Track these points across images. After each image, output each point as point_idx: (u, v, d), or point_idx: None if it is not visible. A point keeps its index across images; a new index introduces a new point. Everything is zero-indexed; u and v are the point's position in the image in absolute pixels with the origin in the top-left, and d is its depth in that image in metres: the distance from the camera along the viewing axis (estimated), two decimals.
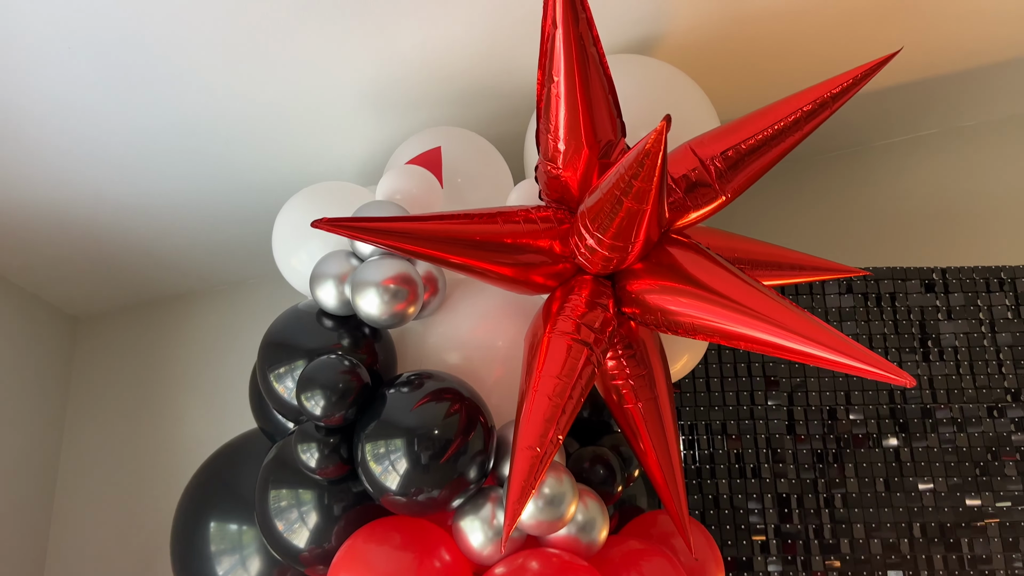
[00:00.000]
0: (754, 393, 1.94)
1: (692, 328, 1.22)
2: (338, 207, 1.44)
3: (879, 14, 1.77)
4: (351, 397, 1.28)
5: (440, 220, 1.23)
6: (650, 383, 1.35)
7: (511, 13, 1.56)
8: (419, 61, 1.65)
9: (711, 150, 1.28)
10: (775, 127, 1.27)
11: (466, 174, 1.57)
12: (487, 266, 1.26)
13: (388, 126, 1.80)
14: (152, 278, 2.32)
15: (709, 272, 1.23)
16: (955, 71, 2.09)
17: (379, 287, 1.30)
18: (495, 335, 1.42)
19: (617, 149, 1.26)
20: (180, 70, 1.58)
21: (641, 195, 1.09)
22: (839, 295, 2.00)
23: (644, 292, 1.26)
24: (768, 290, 1.20)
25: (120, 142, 1.76)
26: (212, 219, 2.07)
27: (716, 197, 1.29)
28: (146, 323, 2.46)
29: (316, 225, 1.12)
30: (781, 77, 1.86)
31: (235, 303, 2.43)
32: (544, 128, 1.25)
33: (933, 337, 1.98)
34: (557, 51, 1.16)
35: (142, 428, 2.39)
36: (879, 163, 2.41)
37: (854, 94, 1.28)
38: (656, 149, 1.02)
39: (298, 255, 1.50)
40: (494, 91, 1.76)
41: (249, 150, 1.84)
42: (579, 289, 1.28)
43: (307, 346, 1.36)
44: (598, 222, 1.17)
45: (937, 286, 2.01)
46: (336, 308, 1.36)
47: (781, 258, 1.49)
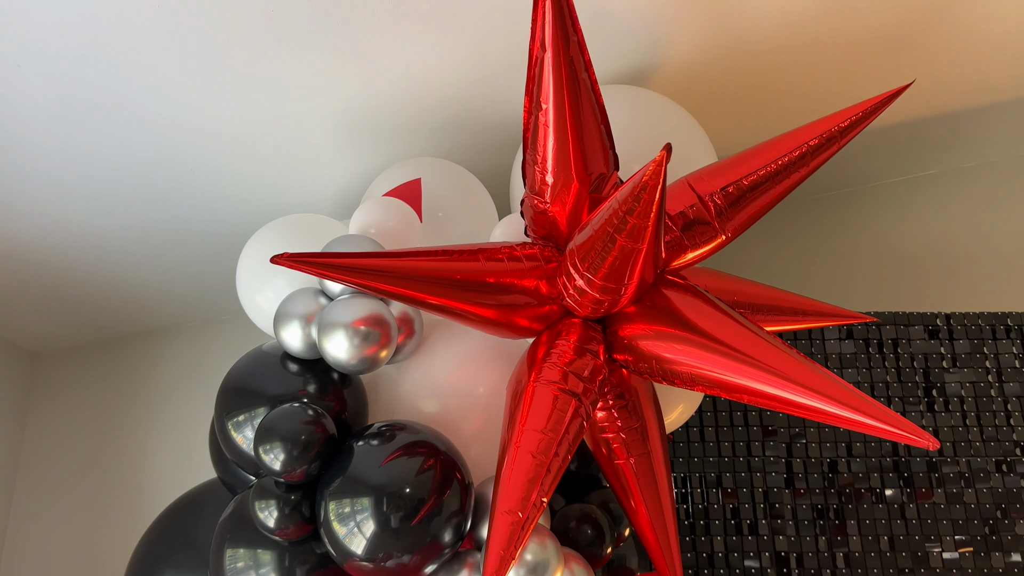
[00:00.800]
0: (751, 443, 1.86)
1: (690, 378, 1.13)
2: (309, 241, 1.35)
3: (884, 49, 1.73)
4: (314, 450, 1.17)
5: (416, 256, 1.13)
6: (643, 436, 1.26)
7: (500, 39, 1.49)
8: (401, 88, 1.57)
9: (710, 186, 1.20)
10: (779, 162, 1.19)
11: (448, 208, 1.48)
12: (467, 307, 1.17)
13: (367, 156, 1.72)
14: (117, 314, 2.23)
15: (708, 317, 1.15)
16: (958, 110, 2.07)
17: (348, 329, 1.20)
18: (476, 382, 1.33)
19: (609, 183, 1.18)
20: (143, 94, 1.50)
21: (636, 233, 1.00)
22: (839, 340, 1.93)
23: (637, 338, 1.17)
24: (773, 338, 1.11)
25: (78, 170, 1.67)
26: (180, 252, 1.97)
27: (715, 236, 1.21)
28: (110, 361, 2.37)
29: (276, 261, 1.01)
30: (781, 112, 1.82)
31: (207, 341, 2.34)
32: (531, 159, 1.16)
33: (938, 386, 1.91)
34: (546, 76, 1.08)
35: (102, 473, 2.28)
36: (879, 204, 2.37)
37: (863, 128, 1.21)
38: (654, 182, 0.93)
39: (263, 292, 1.40)
40: (480, 122, 1.69)
41: (219, 180, 1.76)
42: (567, 334, 1.19)
43: (269, 392, 1.26)
44: (588, 261, 1.08)
45: (942, 332, 1.94)
46: (302, 351, 1.26)
47: (783, 302, 1.42)
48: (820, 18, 1.60)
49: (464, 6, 1.41)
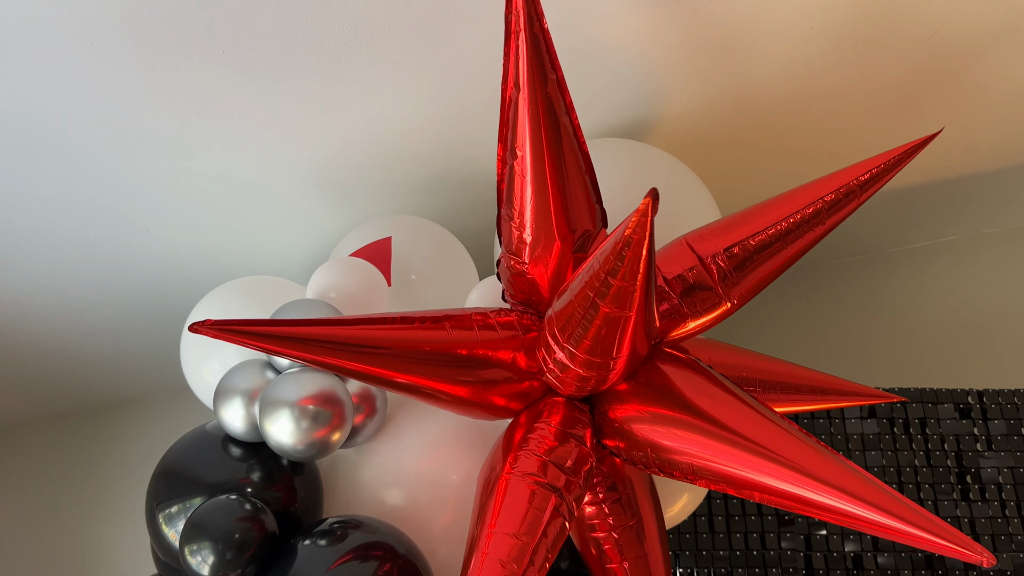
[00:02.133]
0: (765, 535, 1.70)
1: (691, 470, 0.98)
2: (262, 305, 1.22)
3: (897, 106, 1.64)
4: (249, 551, 1.02)
5: (371, 324, 0.98)
6: (639, 535, 1.11)
7: (481, 89, 1.39)
8: (373, 141, 1.46)
9: (712, 246, 1.07)
10: (791, 220, 1.06)
11: (422, 270, 1.35)
12: (435, 384, 1.02)
13: (337, 214, 1.61)
14: (73, 384, 2.12)
15: (712, 397, 1.01)
16: (977, 172, 1.99)
17: (294, 408, 1.05)
18: (447, 469, 1.19)
19: (596, 242, 1.04)
20: (94, 148, 1.39)
21: (622, 297, 0.85)
22: (861, 420, 1.79)
23: (630, 420, 1.04)
24: (789, 424, 0.97)
25: (27, 230, 1.56)
26: (139, 318, 1.85)
27: (719, 303, 1.08)
28: (67, 435, 2.26)
29: (195, 329, 0.86)
30: (788, 169, 1.72)
31: (171, 414, 2.18)
32: (506, 214, 1.03)
33: (972, 471, 1.77)
34: (521, 119, 0.95)
35: (61, 554, 2.14)
36: (898, 271, 2.27)
37: (886, 183, 1.07)
38: (639, 236, 0.78)
39: (209, 364, 1.26)
40: (461, 179, 1.58)
41: (177, 240, 1.65)
42: (548, 415, 1.05)
43: (207, 479, 1.12)
44: (569, 331, 0.93)
45: (974, 411, 1.81)
46: (244, 433, 1.11)
47: (798, 379, 1.27)
48: (829, 71, 1.51)
49: (440, 52, 1.31)
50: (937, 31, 1.44)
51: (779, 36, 1.40)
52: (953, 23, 1.43)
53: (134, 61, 1.24)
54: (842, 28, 1.40)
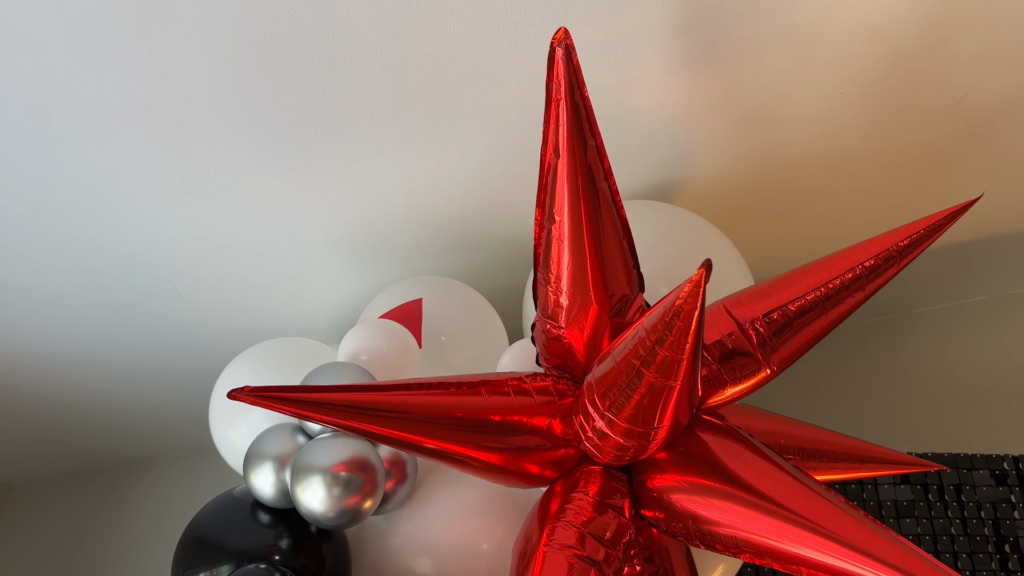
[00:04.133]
0: None
1: (734, 544, 0.94)
2: (292, 368, 1.21)
3: (927, 168, 1.64)
4: None
5: (406, 391, 0.96)
6: None
7: (510, 149, 1.39)
8: (402, 203, 1.46)
9: (751, 311, 1.05)
10: (830, 286, 1.05)
11: (451, 332, 1.34)
12: (468, 451, 0.99)
13: (365, 275, 1.60)
14: (95, 443, 2.09)
15: (754, 467, 0.98)
16: (1005, 233, 1.96)
17: (326, 475, 1.02)
18: (478, 538, 1.16)
19: (634, 307, 1.03)
20: (118, 206, 1.39)
21: (667, 367, 0.83)
22: (894, 486, 1.73)
23: (670, 491, 1.00)
24: (833, 495, 0.93)
25: (54, 290, 1.55)
26: (163, 378, 1.84)
27: (758, 370, 1.06)
28: (87, 493, 2.23)
29: (234, 396, 0.85)
30: (818, 231, 1.71)
31: (191, 473, 2.17)
32: (543, 278, 1.01)
33: (1011, 540, 1.70)
34: (559, 185, 0.94)
35: None
36: (926, 332, 2.23)
37: (925, 248, 1.06)
38: (691, 307, 0.76)
39: (237, 427, 1.24)
40: (490, 239, 1.58)
41: (205, 301, 1.64)
42: (585, 484, 1.02)
43: (235, 547, 1.10)
44: (610, 399, 0.91)
45: (1010, 478, 1.75)
46: (274, 499, 1.09)
47: (836, 446, 1.24)
48: (859, 134, 1.51)
49: (471, 114, 1.31)
50: (967, 94, 1.44)
51: (809, 100, 1.40)
52: (982, 87, 1.43)
53: (170, 126, 1.25)
54: (872, 92, 1.40)
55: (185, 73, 1.17)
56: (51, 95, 1.17)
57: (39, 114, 1.20)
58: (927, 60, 1.37)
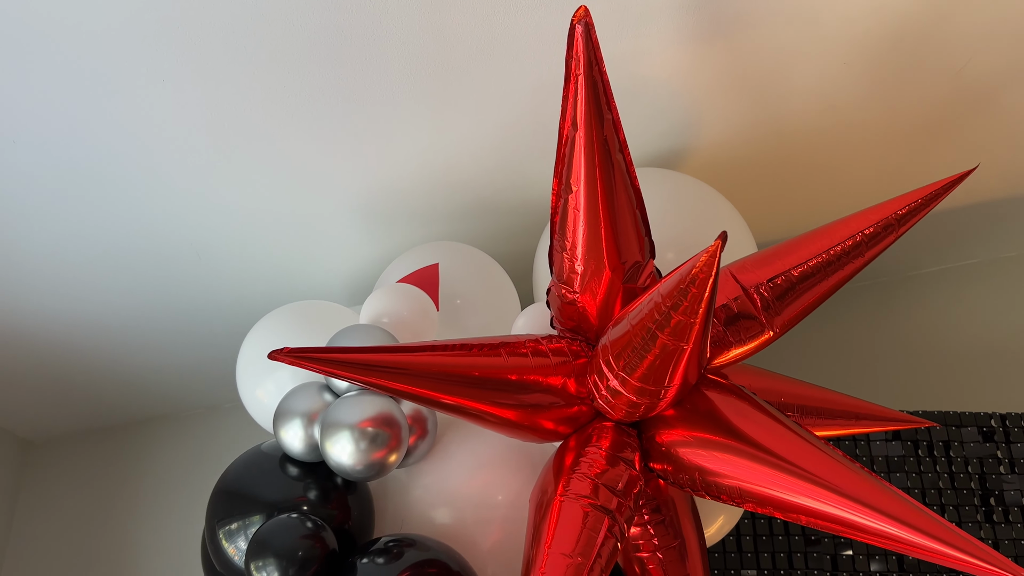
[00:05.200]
0: (792, 555, 1.71)
1: (738, 494, 1.00)
2: (316, 330, 1.25)
3: (928, 136, 1.67)
4: (312, 568, 1.05)
5: (431, 352, 1.02)
6: (682, 556, 1.14)
7: (524, 120, 1.42)
8: (417, 170, 1.50)
9: (756, 277, 1.10)
10: (832, 252, 1.10)
11: (466, 296, 1.39)
12: (487, 408, 1.05)
13: (381, 241, 1.64)
14: (113, 401, 2.14)
15: (756, 422, 1.03)
16: (1000, 198, 2.00)
17: (354, 430, 1.08)
18: (494, 489, 1.22)
19: (645, 272, 1.08)
20: (143, 173, 1.43)
21: (681, 330, 0.89)
22: (885, 442, 1.80)
23: (677, 445, 1.06)
24: (831, 449, 0.99)
25: (77, 254, 1.59)
26: (181, 339, 1.88)
27: (762, 332, 1.11)
28: (105, 450, 2.26)
29: (274, 357, 0.90)
30: (820, 199, 1.74)
31: (207, 430, 2.22)
32: (559, 246, 1.06)
33: (996, 494, 1.77)
34: (577, 156, 0.99)
35: (91, 567, 2.15)
36: (919, 294, 2.26)
37: (923, 216, 1.11)
38: (705, 275, 0.82)
39: (264, 386, 1.29)
40: (502, 205, 1.61)
41: (222, 263, 1.67)
42: (598, 439, 1.07)
43: (266, 498, 1.15)
44: (624, 359, 0.97)
45: (997, 435, 1.81)
46: (303, 453, 1.14)
47: (833, 404, 1.30)
48: (862, 103, 1.54)
49: (486, 84, 1.34)
50: (968, 63, 1.48)
51: (814, 69, 1.43)
52: (983, 56, 1.46)
53: (195, 95, 1.29)
54: (875, 62, 1.43)
55: (212, 43, 1.20)
56: (87, 62, 1.21)
57: (75, 78, 1.23)
58: (928, 31, 1.40)
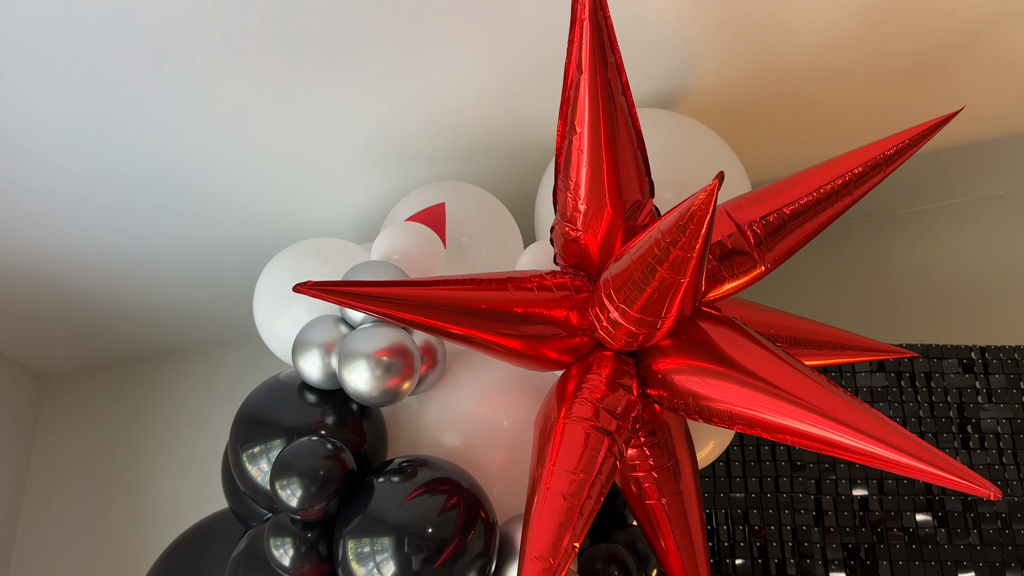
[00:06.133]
0: (778, 479, 1.79)
1: (729, 417, 1.07)
2: (329, 266, 1.31)
3: (920, 76, 1.69)
4: (333, 486, 1.12)
5: (443, 285, 1.08)
6: (675, 475, 1.21)
7: (527, 63, 1.45)
8: (423, 111, 1.53)
9: (749, 214, 1.15)
10: (822, 191, 1.15)
11: (472, 234, 1.44)
12: (493, 338, 1.12)
13: (387, 180, 1.68)
14: (126, 337, 2.19)
15: (747, 351, 1.10)
16: (989, 137, 2.02)
17: (370, 359, 1.15)
18: (500, 415, 1.28)
19: (645, 211, 1.13)
20: (156, 116, 1.46)
21: (679, 265, 0.95)
22: (870, 373, 1.87)
23: (672, 372, 1.12)
24: (817, 375, 1.06)
25: (93, 191, 1.63)
26: (191, 276, 1.93)
27: (754, 267, 1.17)
28: (119, 384, 2.33)
29: (299, 290, 0.96)
30: (815, 138, 1.77)
31: (217, 365, 2.29)
32: (563, 185, 1.11)
33: (973, 422, 1.85)
34: (581, 99, 1.03)
35: (109, 497, 2.23)
36: (907, 232, 2.31)
37: (910, 156, 1.16)
38: (703, 212, 0.88)
39: (280, 319, 1.35)
40: (506, 145, 1.65)
41: (233, 203, 1.72)
42: (598, 367, 1.14)
43: (286, 423, 1.21)
44: (624, 292, 1.03)
45: (976, 366, 1.88)
46: (321, 381, 1.21)
47: (820, 335, 1.36)
48: (857, 43, 1.56)
49: (490, 28, 1.37)
50: (959, 6, 1.50)
51: (809, 11, 1.45)
52: None
53: (208, 39, 1.31)
54: (869, 4, 1.45)
55: None
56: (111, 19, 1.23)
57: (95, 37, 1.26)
58: None
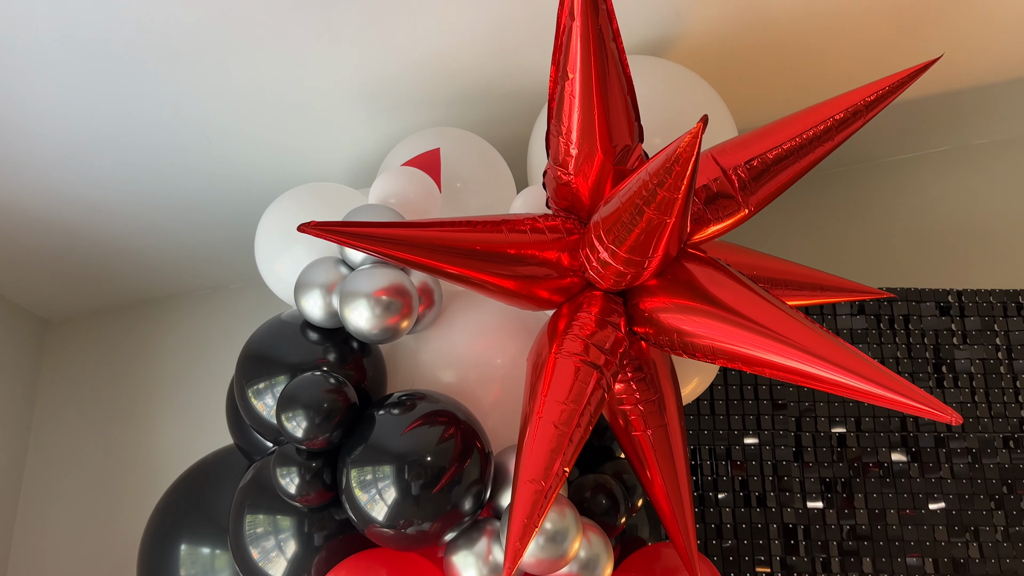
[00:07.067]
0: (760, 417, 1.87)
1: (711, 351, 1.13)
2: (328, 210, 1.35)
3: (907, 24, 1.71)
4: (336, 418, 1.18)
5: (440, 227, 1.12)
6: (660, 409, 1.26)
7: (520, 9, 1.48)
8: (418, 57, 1.56)
9: (734, 159, 1.19)
10: (804, 136, 1.19)
11: (466, 179, 1.47)
12: (488, 278, 1.16)
13: (382, 126, 1.71)
14: (127, 280, 2.22)
15: (729, 290, 1.14)
16: (973, 86, 2.05)
17: (370, 299, 1.20)
18: (494, 352, 1.33)
19: (634, 155, 1.17)
20: (156, 62, 1.48)
21: (665, 205, 0.99)
22: (851, 316, 1.93)
23: (658, 311, 1.17)
24: (795, 312, 1.11)
25: (91, 136, 1.65)
26: (191, 221, 1.96)
27: (738, 210, 1.21)
28: (120, 327, 2.36)
29: (303, 229, 1.01)
30: (802, 85, 1.80)
31: (215, 309, 2.33)
32: (555, 130, 1.15)
33: (948, 362, 1.92)
34: (573, 45, 1.07)
35: (113, 439, 2.28)
36: (891, 179, 2.35)
37: (889, 103, 1.20)
38: (688, 154, 0.92)
39: (282, 260, 1.39)
40: (498, 92, 1.67)
41: (232, 148, 1.74)
42: (588, 306, 1.19)
43: (289, 360, 1.27)
44: (613, 233, 1.08)
45: (952, 309, 1.95)
46: (322, 320, 1.26)
47: (801, 277, 1.41)
48: None
49: None
50: None
51: None
52: None
53: None
54: None
55: None
56: None
57: None
58: None
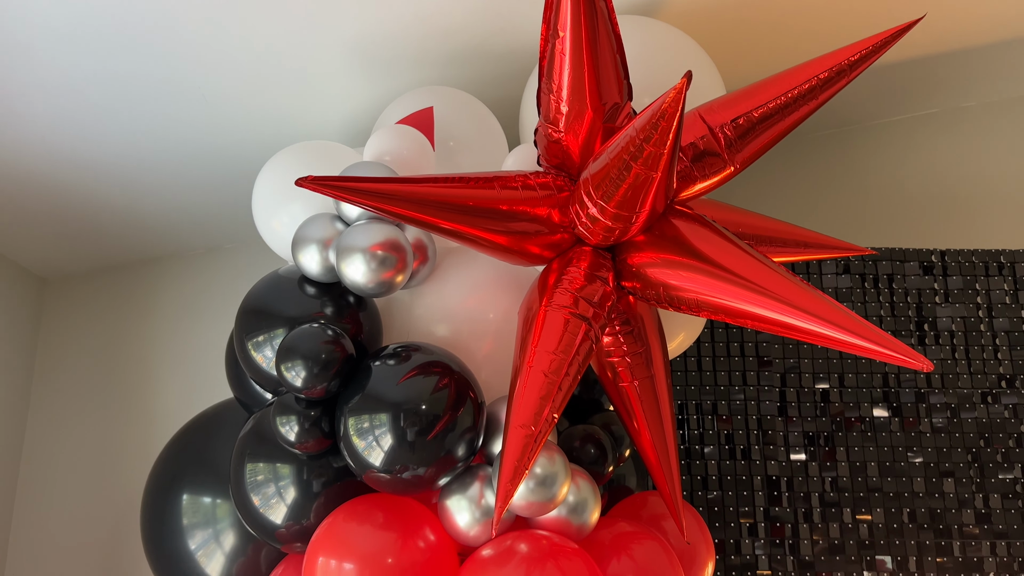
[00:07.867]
0: (746, 372, 1.91)
1: (696, 304, 1.17)
2: (324, 167, 1.36)
3: None
4: (334, 368, 1.22)
5: (434, 183, 1.15)
6: (647, 361, 1.30)
7: None
8: (411, 16, 1.57)
9: (721, 117, 1.22)
10: (789, 95, 1.22)
11: (459, 137, 1.50)
12: (480, 233, 1.19)
13: (376, 85, 1.72)
14: (125, 240, 2.24)
15: (715, 246, 1.18)
16: (959, 49, 2.06)
17: (366, 253, 1.23)
18: (486, 307, 1.37)
19: (623, 113, 1.20)
20: (151, 21, 1.49)
21: (652, 161, 1.02)
22: (836, 275, 1.97)
23: (645, 265, 1.21)
24: (777, 266, 1.15)
25: (88, 97, 1.66)
26: (187, 180, 1.98)
27: (724, 167, 1.24)
28: (118, 286, 2.38)
29: (301, 183, 1.04)
30: (790, 45, 1.82)
31: (211, 268, 2.36)
32: (546, 88, 1.18)
33: (930, 320, 1.96)
34: (564, 4, 1.09)
35: (112, 395, 2.32)
36: (878, 142, 2.37)
37: (873, 62, 1.23)
38: (673, 110, 0.95)
39: (279, 217, 1.42)
40: (491, 51, 1.69)
41: (227, 107, 1.75)
42: (577, 261, 1.22)
43: (287, 314, 1.30)
44: (602, 189, 1.11)
45: (936, 268, 1.98)
46: (319, 274, 1.29)
47: (785, 234, 1.45)
48: None
49: None
50: None
51: None
52: None
53: None
54: None
55: None
56: None
57: None
58: None
